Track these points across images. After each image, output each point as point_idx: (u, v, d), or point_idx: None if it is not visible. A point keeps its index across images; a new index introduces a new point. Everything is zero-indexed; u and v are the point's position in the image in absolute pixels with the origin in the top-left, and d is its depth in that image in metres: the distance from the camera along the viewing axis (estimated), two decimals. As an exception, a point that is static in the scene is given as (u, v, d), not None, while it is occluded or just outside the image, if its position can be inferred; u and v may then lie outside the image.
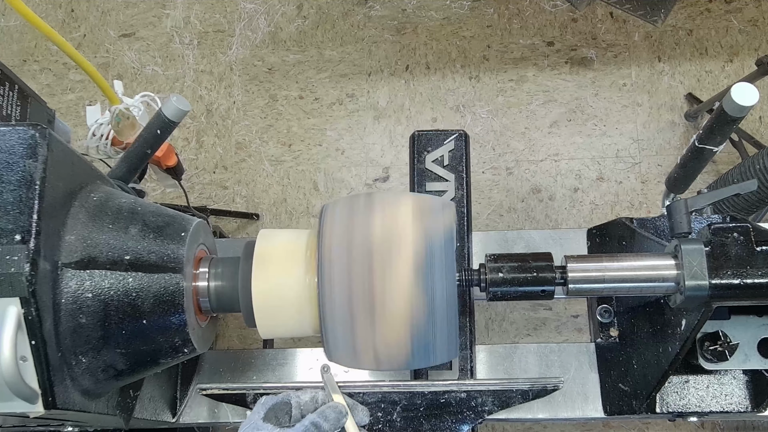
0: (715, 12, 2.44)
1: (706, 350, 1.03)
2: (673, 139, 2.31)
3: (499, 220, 2.26)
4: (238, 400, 1.08)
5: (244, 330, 2.16)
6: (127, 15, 2.57)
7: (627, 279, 0.94)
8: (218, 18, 2.55)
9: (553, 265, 0.94)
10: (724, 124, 0.96)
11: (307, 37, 2.51)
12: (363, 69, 2.45)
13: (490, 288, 0.94)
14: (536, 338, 2.12)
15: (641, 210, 2.25)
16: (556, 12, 2.48)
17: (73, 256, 0.79)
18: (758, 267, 0.87)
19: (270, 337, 0.97)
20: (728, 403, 1.10)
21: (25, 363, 0.74)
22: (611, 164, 2.29)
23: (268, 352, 1.26)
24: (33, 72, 2.51)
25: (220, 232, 2.12)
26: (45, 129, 0.79)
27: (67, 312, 0.78)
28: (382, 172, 2.33)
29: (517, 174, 2.30)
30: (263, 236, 0.92)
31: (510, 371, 1.20)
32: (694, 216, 0.99)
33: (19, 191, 0.75)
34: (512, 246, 1.28)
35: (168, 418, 1.16)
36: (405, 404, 1.05)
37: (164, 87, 2.47)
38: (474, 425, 1.05)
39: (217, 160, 2.38)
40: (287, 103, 2.43)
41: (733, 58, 2.38)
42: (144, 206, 0.90)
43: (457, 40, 2.47)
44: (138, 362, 0.87)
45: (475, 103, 2.38)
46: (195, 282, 0.91)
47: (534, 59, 2.42)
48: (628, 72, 2.39)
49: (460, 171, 1.22)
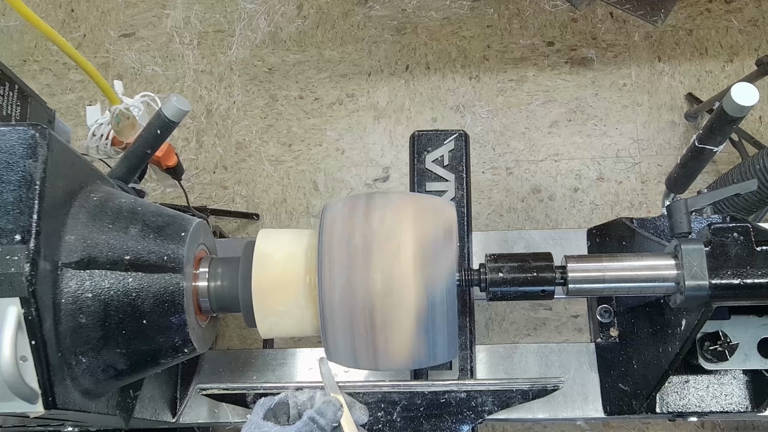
0: (715, 12, 2.44)
1: (706, 350, 1.03)
2: (673, 139, 2.31)
3: (499, 220, 2.26)
4: (238, 400, 1.08)
5: (244, 330, 2.16)
6: (127, 15, 2.57)
7: (627, 279, 0.94)
8: (218, 18, 2.55)
9: (553, 265, 0.94)
10: (724, 124, 0.96)
11: (307, 37, 2.51)
12: (363, 69, 2.45)
13: (490, 288, 0.94)
14: (536, 338, 2.12)
15: (641, 210, 2.25)
16: (556, 12, 2.47)
17: (73, 256, 0.79)
18: (758, 267, 0.87)
19: (270, 337, 0.97)
20: (728, 403, 1.10)
21: (25, 363, 0.74)
22: (611, 164, 2.29)
23: (268, 352, 1.26)
24: (33, 72, 2.51)
25: (220, 232, 2.12)
26: (45, 129, 0.79)
27: (67, 312, 0.78)
28: (382, 172, 2.33)
29: (517, 174, 2.30)
30: (263, 236, 0.92)
31: (510, 371, 1.20)
32: (694, 216, 0.99)
33: (19, 191, 0.75)
34: (512, 246, 1.28)
35: (168, 418, 1.16)
36: (405, 404, 1.05)
37: (164, 87, 2.47)
38: (474, 425, 1.05)
39: (217, 160, 2.38)
40: (287, 103, 2.43)
41: (733, 58, 2.38)
42: (144, 206, 0.90)
43: (457, 40, 2.47)
44: (138, 362, 0.87)
45: (475, 103, 2.38)
46: (195, 282, 0.91)
47: (534, 59, 2.42)
48: (628, 72, 2.39)
49: (460, 171, 1.22)
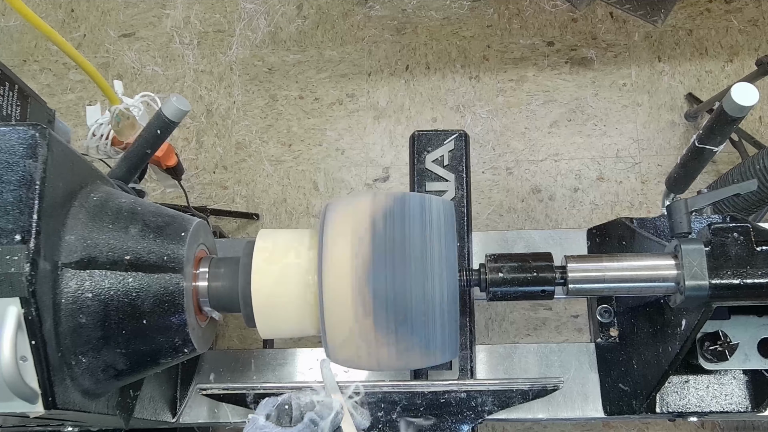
0: (715, 12, 2.44)
1: (706, 350, 1.03)
2: (673, 139, 2.31)
3: (499, 220, 2.26)
4: (238, 400, 1.08)
5: (244, 330, 2.16)
6: (127, 15, 2.57)
7: (627, 279, 0.94)
8: (218, 18, 2.55)
9: (553, 265, 0.94)
10: (724, 124, 0.96)
11: (307, 37, 2.51)
12: (363, 69, 2.45)
13: (490, 288, 0.94)
14: (536, 338, 2.12)
15: (641, 210, 2.25)
16: (556, 12, 2.47)
17: (73, 256, 0.79)
18: (758, 267, 0.87)
19: (270, 337, 0.97)
20: (728, 403, 1.10)
21: (25, 363, 0.74)
22: (611, 164, 2.29)
23: (268, 352, 1.26)
24: (33, 72, 2.51)
25: (220, 232, 2.12)
26: (45, 129, 0.79)
27: (67, 312, 0.78)
28: (382, 172, 2.33)
29: (517, 174, 2.30)
30: (263, 236, 0.92)
31: (510, 371, 1.20)
32: (694, 216, 0.99)
33: (19, 191, 0.75)
34: (512, 246, 1.28)
35: (168, 418, 1.16)
36: (405, 404, 1.05)
37: (164, 87, 2.47)
38: (474, 425, 1.05)
39: (217, 160, 2.38)
40: (287, 103, 2.43)
41: (733, 58, 2.38)
42: (144, 206, 0.90)
43: (457, 40, 2.47)
44: (138, 362, 0.87)
45: (475, 103, 2.38)
46: (195, 282, 0.91)
47: (534, 59, 2.42)
48: (628, 72, 2.39)
49: (460, 171, 1.22)
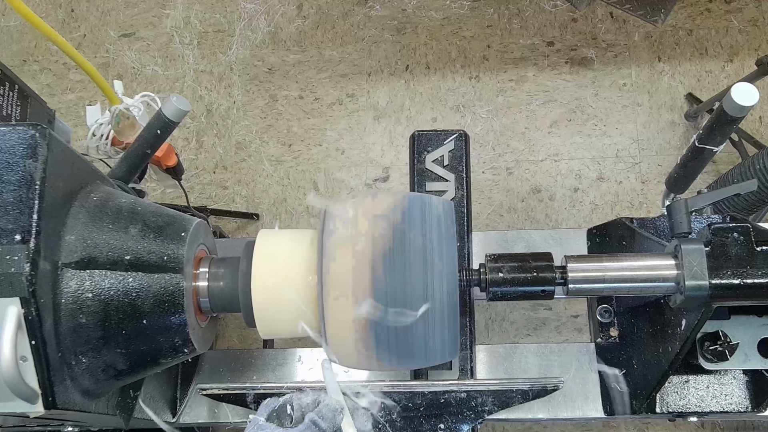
0: (715, 12, 2.44)
1: (706, 350, 1.03)
2: (673, 139, 2.31)
3: (499, 220, 2.26)
4: (238, 400, 1.08)
5: (244, 330, 2.16)
6: (127, 15, 2.57)
7: (627, 279, 0.94)
8: (218, 18, 2.55)
9: (553, 265, 0.94)
10: (724, 124, 0.96)
11: (307, 37, 2.51)
12: (363, 69, 2.45)
13: (490, 288, 0.94)
14: (536, 338, 2.12)
15: (641, 210, 2.25)
16: (556, 12, 2.47)
17: (73, 256, 0.79)
18: (758, 267, 0.87)
19: (270, 337, 0.97)
20: (728, 403, 1.10)
21: (25, 363, 0.74)
22: (611, 164, 2.29)
23: (268, 352, 1.26)
24: (33, 72, 2.51)
25: (220, 232, 2.12)
26: (45, 129, 0.79)
27: (67, 312, 0.78)
28: (382, 172, 2.33)
29: (517, 174, 2.30)
30: (263, 236, 0.92)
31: (510, 371, 1.20)
32: (694, 216, 0.99)
33: (19, 191, 0.75)
34: (512, 246, 1.28)
35: (168, 418, 1.16)
36: (405, 404, 1.05)
37: (164, 87, 2.47)
38: (474, 425, 1.05)
39: (217, 160, 2.38)
40: (287, 103, 2.43)
41: (733, 58, 2.38)
42: (144, 206, 0.90)
43: (457, 40, 2.47)
44: (138, 362, 0.87)
45: (475, 103, 2.38)
46: (195, 282, 0.91)
47: (534, 59, 2.42)
48: (628, 72, 2.39)
49: (460, 171, 1.22)
